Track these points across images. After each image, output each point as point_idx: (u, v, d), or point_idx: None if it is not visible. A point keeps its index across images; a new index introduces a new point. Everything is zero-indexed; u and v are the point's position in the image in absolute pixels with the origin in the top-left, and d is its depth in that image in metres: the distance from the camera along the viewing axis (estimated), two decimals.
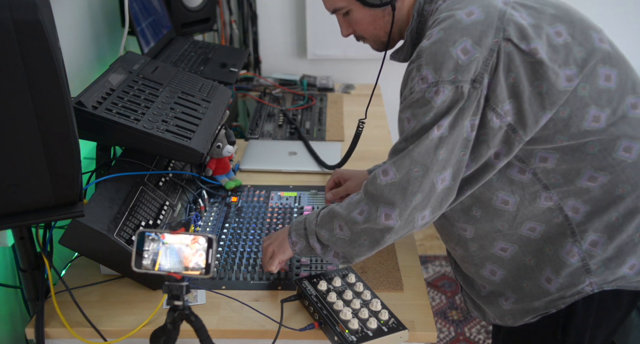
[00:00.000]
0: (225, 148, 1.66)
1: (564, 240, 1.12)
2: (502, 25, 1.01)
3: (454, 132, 1.03)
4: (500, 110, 1.02)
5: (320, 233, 1.19)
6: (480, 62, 1.00)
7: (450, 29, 1.02)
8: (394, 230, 1.09)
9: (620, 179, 1.07)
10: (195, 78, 1.69)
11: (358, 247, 1.15)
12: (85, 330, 1.18)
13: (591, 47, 1.04)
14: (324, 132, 2.09)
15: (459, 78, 1.00)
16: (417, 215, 1.08)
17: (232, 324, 1.20)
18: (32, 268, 1.18)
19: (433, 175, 1.05)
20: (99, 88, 1.35)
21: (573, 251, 1.11)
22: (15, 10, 0.84)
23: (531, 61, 1.00)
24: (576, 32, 1.05)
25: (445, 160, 1.05)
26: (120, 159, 1.45)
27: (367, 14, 1.19)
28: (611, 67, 1.05)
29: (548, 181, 1.10)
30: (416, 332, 1.18)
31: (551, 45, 1.02)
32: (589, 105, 1.03)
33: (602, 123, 1.04)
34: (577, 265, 1.12)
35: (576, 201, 1.10)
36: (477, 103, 1.02)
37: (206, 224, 1.52)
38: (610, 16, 2.63)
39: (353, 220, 1.12)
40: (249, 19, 2.66)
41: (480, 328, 2.48)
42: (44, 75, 0.89)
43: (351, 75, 2.75)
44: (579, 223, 1.11)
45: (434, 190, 1.06)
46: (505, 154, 1.07)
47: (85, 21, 1.76)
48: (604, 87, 1.04)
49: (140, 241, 0.93)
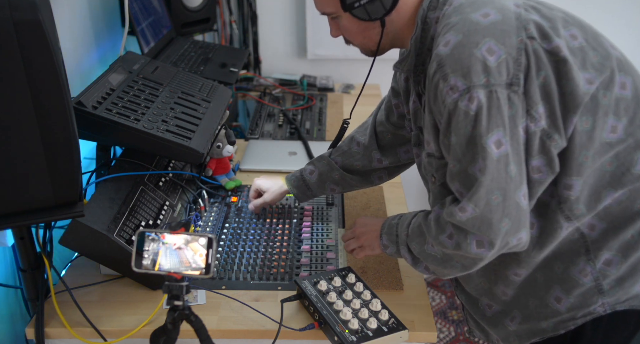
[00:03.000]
0: (225, 148, 1.66)
1: (576, 258, 1.06)
2: (521, 24, 0.96)
3: (514, 143, 0.95)
4: (535, 113, 0.96)
5: (412, 245, 1.13)
6: (511, 63, 0.94)
7: (469, 30, 0.96)
8: (487, 258, 1.02)
9: (638, 194, 1.03)
10: (195, 78, 1.69)
11: (450, 268, 1.08)
12: (85, 330, 1.18)
13: (605, 53, 1.00)
14: (324, 132, 2.09)
15: (492, 82, 0.93)
16: (511, 239, 1.00)
17: (232, 324, 1.20)
18: (32, 268, 1.18)
19: (513, 194, 0.97)
20: (99, 88, 1.35)
21: (586, 271, 1.05)
22: (15, 10, 0.84)
23: (555, 59, 0.95)
24: (589, 37, 1.01)
25: (519, 175, 0.97)
26: (120, 159, 1.46)
27: (356, 24, 1.13)
28: (625, 74, 1.01)
29: (571, 213, 1.03)
30: (416, 332, 1.18)
31: (569, 47, 0.97)
32: (607, 115, 0.98)
33: (620, 133, 0.99)
34: (590, 284, 1.06)
35: (592, 219, 1.05)
36: (522, 106, 0.95)
37: (206, 224, 1.52)
38: (609, 17, 2.63)
39: (442, 243, 1.05)
40: (249, 19, 2.66)
41: None
42: (44, 75, 0.89)
43: (351, 75, 2.75)
44: (594, 240, 1.05)
45: (520, 209, 0.98)
46: (547, 165, 0.99)
47: (85, 21, 1.76)
48: (620, 96, 0.99)
49: (140, 241, 0.93)
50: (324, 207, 1.60)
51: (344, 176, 1.44)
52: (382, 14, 1.08)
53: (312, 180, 1.47)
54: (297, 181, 1.49)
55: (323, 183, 1.46)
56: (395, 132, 1.39)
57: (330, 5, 1.12)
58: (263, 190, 1.54)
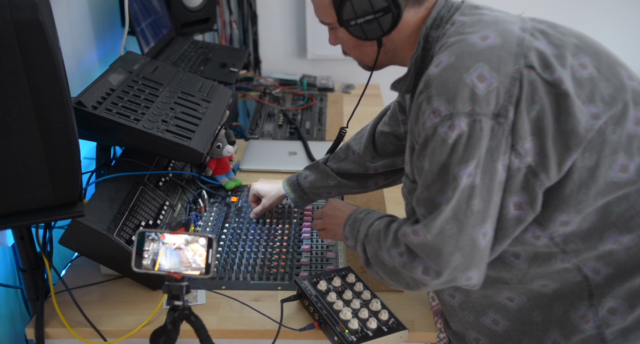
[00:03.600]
0: (225, 148, 1.66)
1: (578, 302, 0.99)
2: (522, 51, 0.89)
3: (486, 177, 0.89)
4: (520, 148, 0.88)
5: (368, 247, 1.08)
6: (502, 93, 0.87)
7: (463, 53, 0.90)
8: (431, 286, 0.96)
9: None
10: (195, 78, 1.69)
11: (396, 282, 1.03)
12: (85, 330, 1.18)
13: (620, 84, 0.92)
14: (324, 132, 2.09)
15: (477, 111, 0.87)
16: (460, 276, 0.93)
17: (232, 324, 1.20)
18: (32, 268, 1.18)
19: (471, 230, 0.90)
20: (99, 88, 1.35)
21: (588, 317, 0.98)
22: (15, 10, 0.84)
23: (556, 92, 0.88)
24: (602, 66, 0.93)
25: (482, 212, 0.90)
26: (120, 159, 1.46)
27: (353, 39, 1.08)
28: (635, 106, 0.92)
29: (566, 246, 0.96)
30: (416, 332, 1.18)
31: (575, 78, 0.89)
32: (617, 152, 0.90)
33: (631, 174, 0.91)
34: (591, 332, 0.98)
35: (597, 263, 0.97)
36: (506, 141, 0.88)
37: (206, 224, 1.52)
38: (609, 17, 2.63)
39: (392, 257, 1.00)
40: (249, 19, 2.66)
41: None
42: (44, 75, 0.89)
43: (351, 75, 2.75)
44: (598, 285, 0.98)
45: (476, 247, 0.91)
46: (528, 203, 0.92)
47: (85, 21, 1.76)
48: (634, 132, 0.91)
49: (140, 241, 0.93)
50: None
51: (340, 182, 1.44)
52: (379, 35, 1.04)
53: (307, 185, 1.46)
54: (294, 185, 1.48)
55: (318, 189, 1.45)
56: (399, 143, 1.37)
57: (328, 16, 1.07)
58: (261, 195, 1.53)
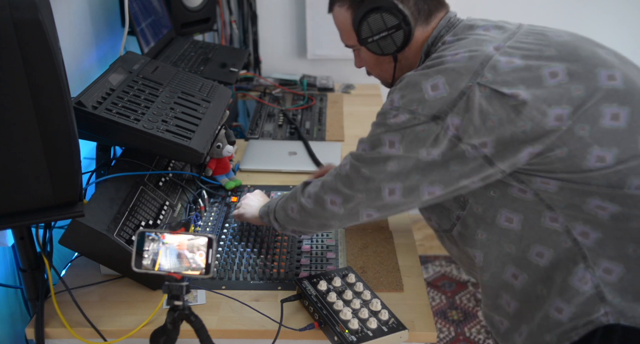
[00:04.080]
0: (225, 148, 1.66)
1: (574, 267, 1.04)
2: (481, 70, 1.02)
3: (407, 154, 1.06)
4: (474, 142, 1.02)
5: (279, 214, 1.29)
6: (447, 102, 1.02)
7: (432, 67, 1.07)
8: (338, 217, 1.17)
9: (632, 213, 1.01)
10: (195, 78, 1.69)
11: (308, 228, 1.25)
12: (85, 330, 1.18)
13: (594, 86, 1.01)
14: (324, 132, 2.09)
15: (419, 111, 1.04)
16: (362, 211, 1.14)
17: (232, 324, 1.20)
18: (32, 268, 1.18)
19: (379, 182, 1.09)
20: (99, 88, 1.35)
21: (586, 278, 1.03)
22: (15, 10, 0.84)
23: (513, 104, 0.99)
24: (578, 70, 1.02)
25: (394, 174, 1.08)
26: (120, 159, 1.46)
27: (372, 57, 1.26)
28: (620, 105, 1.00)
29: (552, 202, 1.05)
30: (416, 332, 1.18)
31: (541, 86, 1.00)
32: (591, 146, 0.99)
33: (609, 162, 0.99)
34: (591, 292, 1.03)
35: (584, 226, 1.03)
36: (436, 138, 1.03)
37: (206, 224, 1.52)
38: (608, 17, 2.63)
39: (303, 205, 1.22)
40: (249, 19, 2.66)
41: (480, 328, 2.48)
42: (44, 75, 0.89)
43: (351, 75, 2.75)
44: (590, 248, 1.03)
45: (380, 197, 1.11)
46: (481, 179, 1.06)
47: (85, 21, 1.76)
48: (609, 127, 0.99)
49: (140, 241, 0.93)
50: None
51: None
52: (394, 50, 1.20)
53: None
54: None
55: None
56: None
57: (351, 39, 1.26)
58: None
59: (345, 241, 1.46)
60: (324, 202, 1.18)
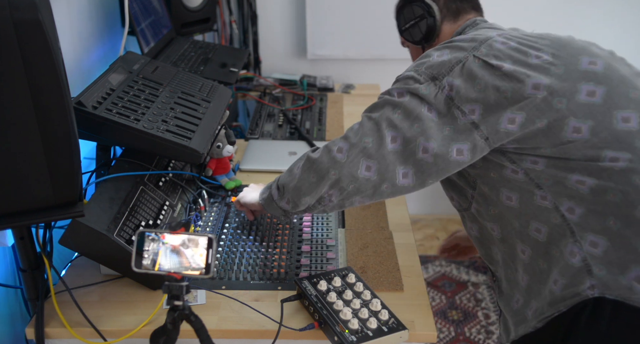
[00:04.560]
0: (225, 148, 1.66)
1: (565, 240, 1.12)
2: (479, 45, 1.17)
3: (412, 107, 1.16)
4: (464, 108, 1.13)
5: (282, 177, 1.32)
6: (446, 66, 1.16)
7: (446, 45, 1.23)
8: (339, 166, 1.19)
9: (608, 186, 1.08)
10: (195, 78, 1.69)
11: (305, 189, 1.24)
12: (85, 330, 1.19)
13: (573, 68, 1.12)
14: (324, 132, 2.09)
15: (422, 71, 1.19)
16: (362, 162, 1.17)
17: (232, 324, 1.20)
18: (32, 268, 1.18)
19: (383, 130, 1.17)
20: (99, 88, 1.35)
21: (574, 252, 1.10)
22: (15, 10, 0.84)
23: (498, 74, 1.12)
24: (561, 55, 1.14)
25: (396, 123, 1.16)
26: (120, 159, 1.46)
27: (413, 49, 1.53)
28: (597, 84, 1.11)
29: (540, 181, 1.14)
30: (416, 332, 1.18)
31: (525, 63, 1.12)
32: (567, 117, 1.09)
33: (585, 134, 1.09)
34: (579, 265, 1.09)
35: (569, 202, 1.11)
36: (435, 96, 1.15)
37: (206, 224, 1.52)
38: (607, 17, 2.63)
39: (310, 157, 1.26)
40: (249, 19, 2.66)
41: (480, 328, 2.48)
42: (44, 75, 0.89)
43: (351, 75, 2.75)
44: (576, 223, 1.11)
45: (383, 144, 1.16)
46: (469, 150, 1.13)
47: (85, 21, 1.76)
48: (585, 101, 1.09)
49: (140, 241, 0.93)
50: None
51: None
52: (420, 38, 1.43)
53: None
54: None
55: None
56: None
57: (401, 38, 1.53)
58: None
59: (345, 241, 1.46)
60: (330, 150, 1.21)
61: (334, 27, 2.62)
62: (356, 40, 2.66)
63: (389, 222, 1.54)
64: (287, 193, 1.28)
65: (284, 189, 1.30)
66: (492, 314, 2.56)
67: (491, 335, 2.44)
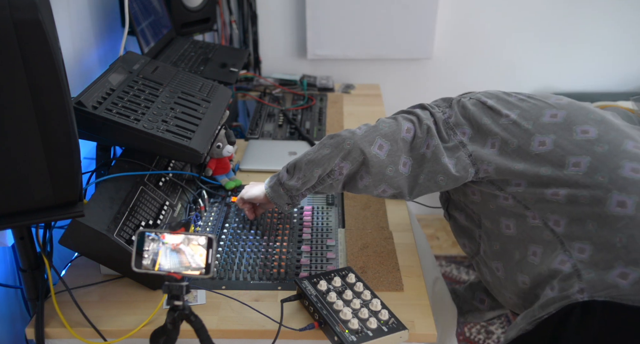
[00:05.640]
0: (225, 148, 1.66)
1: (556, 251, 1.18)
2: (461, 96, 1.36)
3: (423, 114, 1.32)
4: (457, 131, 1.28)
5: (291, 161, 1.35)
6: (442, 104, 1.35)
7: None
8: (353, 139, 1.27)
9: (577, 191, 1.16)
10: (195, 78, 1.69)
11: (318, 161, 1.29)
12: (85, 330, 1.19)
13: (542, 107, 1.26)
14: (324, 132, 2.09)
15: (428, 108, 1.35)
16: (377, 139, 1.27)
17: (232, 324, 1.20)
18: (32, 268, 1.18)
19: (401, 121, 1.30)
20: (99, 88, 1.35)
21: (564, 260, 1.16)
22: (15, 10, 0.84)
23: (483, 107, 1.29)
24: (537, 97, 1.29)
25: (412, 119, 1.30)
26: (120, 159, 1.46)
27: None
28: (558, 110, 1.25)
29: (526, 201, 1.22)
30: (416, 332, 1.18)
31: (507, 102, 1.29)
32: (533, 135, 1.21)
33: (549, 146, 1.19)
34: (570, 271, 1.15)
35: (553, 215, 1.19)
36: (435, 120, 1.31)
37: (206, 224, 1.52)
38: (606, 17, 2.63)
39: (330, 134, 1.33)
40: (249, 19, 2.66)
41: (480, 328, 2.48)
42: (44, 75, 0.89)
43: (351, 75, 2.75)
44: (564, 234, 1.17)
45: (398, 131, 1.28)
46: (455, 165, 1.25)
47: (85, 21, 1.76)
48: (548, 122, 1.23)
49: (140, 241, 0.93)
50: (324, 207, 1.60)
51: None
52: None
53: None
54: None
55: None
56: None
57: None
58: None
59: (345, 241, 1.46)
60: (351, 129, 1.31)
61: (334, 27, 2.62)
62: (356, 40, 2.66)
63: (389, 222, 1.54)
64: (299, 170, 1.32)
65: (295, 167, 1.34)
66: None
67: (491, 335, 2.44)
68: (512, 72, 2.76)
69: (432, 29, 2.59)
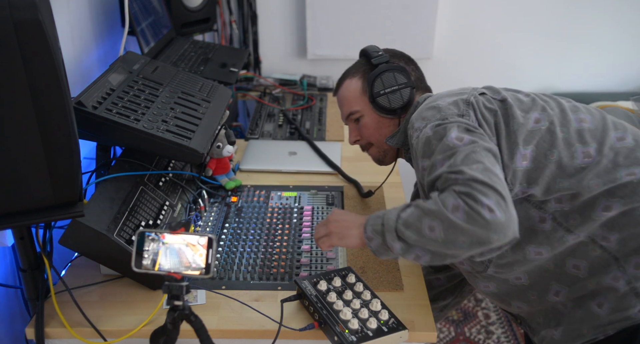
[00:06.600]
0: (225, 148, 1.66)
1: (608, 268, 1.13)
2: (474, 90, 1.23)
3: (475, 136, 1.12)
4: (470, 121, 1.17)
5: (406, 234, 1.04)
6: (461, 104, 1.18)
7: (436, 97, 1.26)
8: (501, 225, 0.97)
9: (634, 200, 1.10)
10: (195, 78, 1.69)
11: (457, 246, 1.00)
12: (85, 330, 1.18)
13: (555, 103, 1.21)
14: (324, 132, 2.09)
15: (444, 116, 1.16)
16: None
17: (232, 324, 1.20)
18: (32, 268, 1.18)
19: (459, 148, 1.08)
20: (99, 88, 1.35)
21: (617, 276, 1.12)
22: (15, 10, 0.84)
23: (505, 107, 1.18)
24: (542, 97, 1.24)
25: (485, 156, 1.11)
26: (120, 159, 1.46)
27: (375, 120, 1.39)
28: (585, 113, 1.18)
29: (567, 223, 1.14)
30: (416, 332, 1.18)
31: (518, 100, 1.21)
32: (573, 145, 1.13)
33: (594, 157, 1.12)
34: (625, 288, 1.11)
35: (602, 231, 1.12)
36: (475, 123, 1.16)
37: (206, 224, 1.52)
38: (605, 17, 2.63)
39: (448, 217, 0.99)
40: (249, 19, 2.66)
41: (480, 328, 2.48)
42: (44, 75, 0.89)
43: None
44: (617, 249, 1.12)
45: (499, 178, 1.03)
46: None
47: (85, 21, 1.76)
48: (580, 127, 1.16)
49: (140, 241, 0.93)
50: (324, 207, 1.60)
51: None
52: (400, 105, 1.35)
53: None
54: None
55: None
56: None
57: (357, 104, 1.40)
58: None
59: None
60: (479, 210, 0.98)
61: (334, 27, 2.62)
62: (356, 40, 2.65)
63: None
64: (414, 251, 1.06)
65: (412, 248, 1.06)
66: (492, 314, 2.56)
67: (491, 335, 2.44)
68: (512, 72, 2.76)
69: (432, 29, 2.59)
